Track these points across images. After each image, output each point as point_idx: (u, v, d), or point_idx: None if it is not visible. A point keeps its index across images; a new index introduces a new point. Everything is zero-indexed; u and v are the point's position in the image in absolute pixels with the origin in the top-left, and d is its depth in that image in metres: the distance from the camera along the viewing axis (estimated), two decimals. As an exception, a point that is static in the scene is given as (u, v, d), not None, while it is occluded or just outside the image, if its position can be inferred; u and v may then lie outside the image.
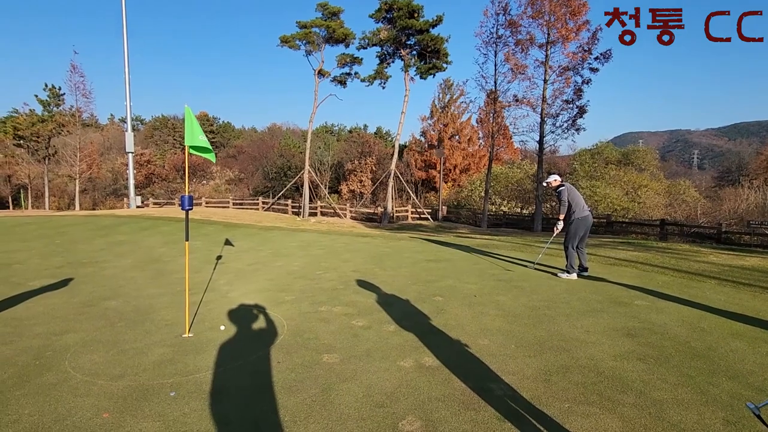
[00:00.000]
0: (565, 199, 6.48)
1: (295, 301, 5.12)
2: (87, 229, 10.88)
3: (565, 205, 6.49)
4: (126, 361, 3.40)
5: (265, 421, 2.58)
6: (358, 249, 9.38)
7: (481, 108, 25.70)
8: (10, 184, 32.92)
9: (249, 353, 3.58)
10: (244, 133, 64.16)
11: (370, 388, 2.99)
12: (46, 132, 28.86)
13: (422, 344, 3.78)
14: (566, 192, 6.51)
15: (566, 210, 6.51)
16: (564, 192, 6.49)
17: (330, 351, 3.64)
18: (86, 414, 2.63)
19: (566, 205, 6.48)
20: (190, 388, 2.97)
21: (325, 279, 6.34)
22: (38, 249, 8.35)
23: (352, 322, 4.38)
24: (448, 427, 2.51)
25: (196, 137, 3.73)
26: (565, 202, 6.48)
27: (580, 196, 6.71)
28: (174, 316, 4.43)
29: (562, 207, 6.48)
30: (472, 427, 2.51)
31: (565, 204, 6.48)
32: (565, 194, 6.49)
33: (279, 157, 42.91)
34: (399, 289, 5.71)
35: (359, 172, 40.28)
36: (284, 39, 25.65)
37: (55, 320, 4.29)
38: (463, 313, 4.71)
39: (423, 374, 3.20)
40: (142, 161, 36.38)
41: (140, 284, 5.87)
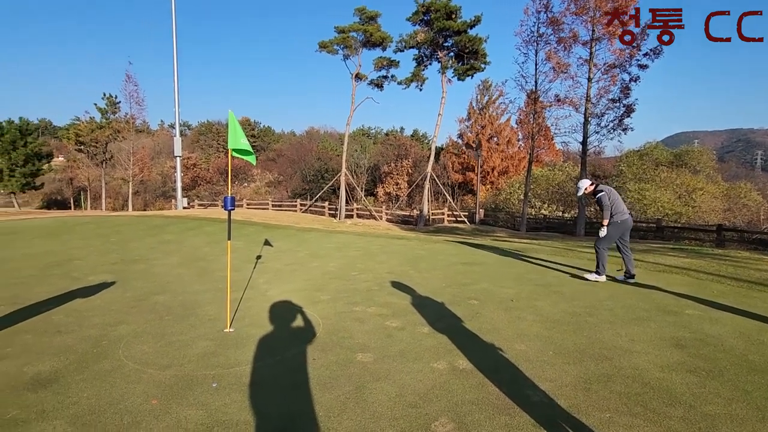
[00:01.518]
0: (608, 202, 6.19)
1: (331, 301, 5.22)
2: (139, 229, 11.59)
3: (608, 210, 6.18)
4: (173, 352, 3.60)
5: (300, 415, 2.66)
6: (394, 251, 9.41)
7: (521, 109, 25.05)
8: (72, 187, 35.63)
9: (286, 350, 3.69)
10: (283, 137, 66.07)
11: (403, 388, 3.00)
12: (103, 138, 31.08)
13: (456, 347, 3.75)
14: (607, 196, 6.23)
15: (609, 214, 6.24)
16: (605, 196, 6.21)
17: (364, 350, 3.68)
18: (137, 400, 2.81)
19: (609, 209, 6.21)
20: (230, 380, 3.11)
21: (361, 280, 6.41)
22: (96, 246, 8.98)
23: (386, 323, 4.40)
24: (481, 430, 2.48)
25: (238, 140, 3.90)
26: (608, 205, 6.20)
27: (619, 197, 6.45)
28: (216, 311, 4.63)
29: (606, 212, 6.20)
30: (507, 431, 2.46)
31: (608, 208, 6.20)
32: (607, 198, 6.20)
33: (317, 160, 43.82)
34: (433, 292, 5.69)
35: (395, 175, 40.40)
36: (323, 44, 26.21)
37: (111, 312, 4.60)
38: (498, 317, 4.62)
39: (456, 377, 3.17)
40: (189, 164, 38.27)
41: (186, 281, 6.19)
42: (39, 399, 2.79)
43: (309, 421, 2.59)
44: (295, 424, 2.56)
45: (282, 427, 2.54)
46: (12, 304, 4.77)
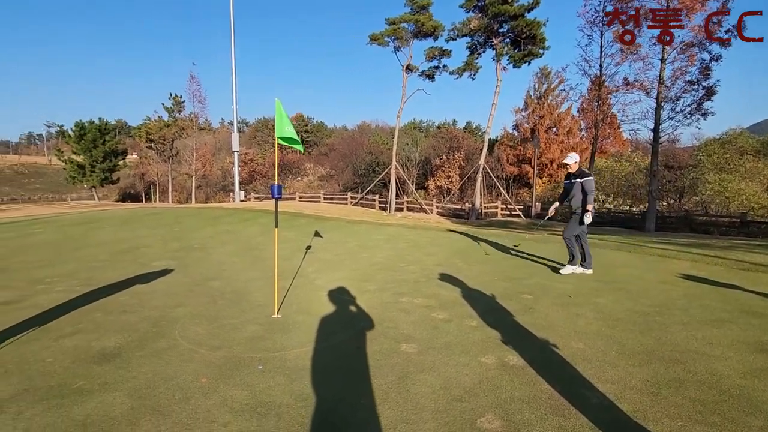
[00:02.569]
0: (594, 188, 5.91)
1: (378, 291, 5.17)
2: (199, 219, 12.31)
3: (593, 195, 5.88)
4: (223, 334, 3.72)
5: (341, 402, 2.61)
6: (443, 243, 9.21)
7: (583, 96, 23.43)
8: (143, 181, 38.83)
9: (330, 337, 3.68)
10: (335, 132, 67.31)
11: (448, 381, 2.87)
12: (170, 135, 33.52)
13: (506, 342, 3.54)
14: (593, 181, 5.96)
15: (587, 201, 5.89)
16: (594, 182, 5.96)
17: (409, 341, 3.58)
18: (188, 377, 2.92)
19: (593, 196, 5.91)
20: (276, 364, 3.14)
21: (408, 271, 6.31)
22: (161, 235, 9.64)
23: (433, 315, 4.27)
24: (531, 430, 2.29)
25: (283, 128, 3.93)
26: (594, 191, 5.90)
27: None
28: (266, 298, 4.75)
29: (591, 196, 5.86)
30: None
31: (593, 193, 5.89)
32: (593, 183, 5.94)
33: (368, 153, 44.17)
34: (483, 285, 5.45)
35: (447, 168, 39.73)
36: (373, 37, 26.20)
37: (170, 295, 4.87)
38: (554, 313, 4.32)
39: (506, 373, 2.98)
40: (246, 160, 40.18)
41: (239, 268, 6.43)
42: (103, 371, 2.98)
43: (350, 408, 2.54)
44: (335, 410, 2.52)
45: (322, 411, 2.51)
46: (87, 285, 5.20)
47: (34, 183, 56.71)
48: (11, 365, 3.04)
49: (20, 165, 63.59)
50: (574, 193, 6.10)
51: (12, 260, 6.81)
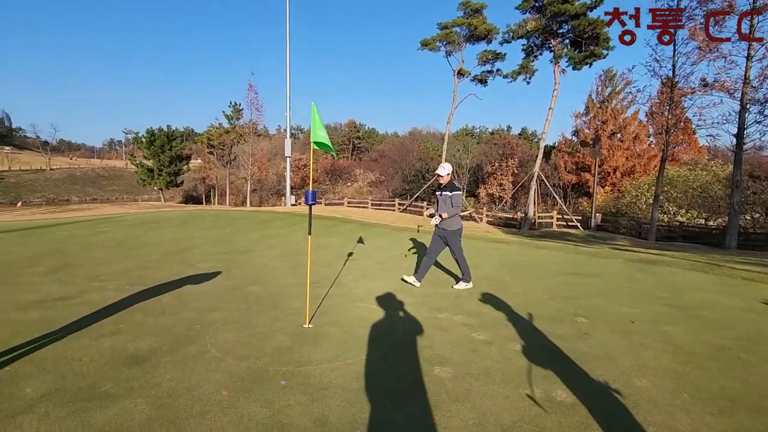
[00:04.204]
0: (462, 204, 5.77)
1: (416, 305, 4.90)
2: (249, 222, 12.70)
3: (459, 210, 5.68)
4: (253, 343, 3.63)
5: (362, 429, 2.39)
6: (490, 255, 8.73)
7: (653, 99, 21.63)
8: (204, 185, 41.28)
9: (360, 353, 3.47)
10: (386, 138, 67.78)
11: (484, 416, 2.55)
12: (229, 141, 35.39)
13: (555, 372, 3.14)
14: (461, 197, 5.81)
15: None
16: (461, 196, 5.78)
17: (443, 363, 3.29)
18: (210, 388, 2.83)
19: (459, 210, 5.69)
20: (299, 380, 2.98)
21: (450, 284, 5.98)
22: (211, 237, 10.00)
23: (473, 335, 3.93)
24: (580, 491, 1.93)
25: (316, 133, 3.81)
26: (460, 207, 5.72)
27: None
28: (301, 305, 4.64)
29: (456, 209, 5.64)
30: (617, 499, 1.87)
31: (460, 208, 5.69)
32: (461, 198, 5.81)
33: (418, 160, 43.92)
34: (532, 304, 5.00)
35: (499, 175, 38.48)
36: (425, 42, 26.03)
37: (209, 298, 4.92)
38: (613, 341, 3.82)
39: (552, 411, 2.60)
40: (300, 165, 41.41)
41: (280, 273, 6.43)
42: (131, 376, 2.97)
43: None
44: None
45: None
46: (136, 285, 5.40)
47: (113, 185, 62.43)
48: (49, 363, 3.13)
49: (102, 168, 70.42)
50: (443, 206, 5.69)
51: (78, 257, 7.31)
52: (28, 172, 60.41)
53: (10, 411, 2.48)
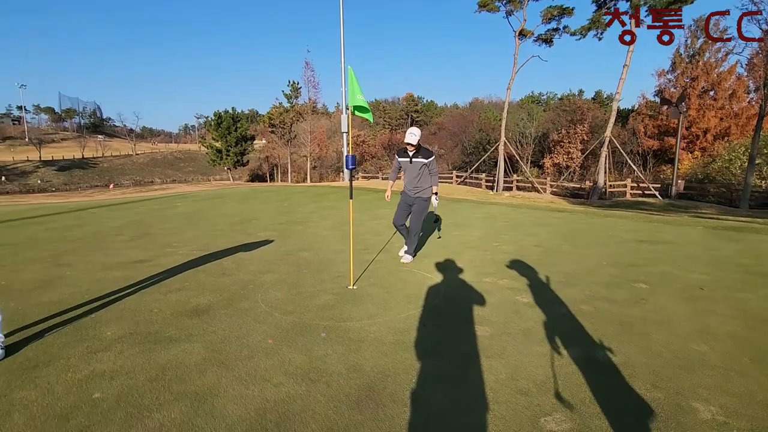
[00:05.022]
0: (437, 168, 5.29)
1: (460, 270, 4.85)
2: (306, 196, 13.21)
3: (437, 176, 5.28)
4: (299, 301, 3.85)
5: (393, 376, 2.47)
6: (549, 224, 8.33)
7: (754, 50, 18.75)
8: (268, 163, 43.33)
9: (399, 312, 3.54)
10: (445, 110, 66.00)
11: (517, 371, 2.51)
12: (288, 120, 36.56)
13: (602, 335, 2.99)
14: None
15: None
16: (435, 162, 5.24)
17: (482, 323, 3.26)
18: (258, 337, 3.06)
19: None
20: (338, 333, 3.12)
21: (500, 251, 5.83)
22: (271, 209, 10.57)
23: (516, 298, 3.84)
24: (610, 444, 1.86)
25: (355, 97, 3.82)
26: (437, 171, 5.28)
27: None
28: (347, 269, 4.79)
29: (436, 177, 5.24)
30: (651, 455, 1.78)
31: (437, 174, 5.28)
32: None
33: (478, 131, 42.42)
34: (587, 270, 4.75)
35: (566, 143, 36.04)
36: (482, 3, 24.57)
37: (263, 262, 5.25)
38: (674, 307, 3.54)
39: (591, 370, 2.50)
40: (358, 142, 41.90)
41: (330, 241, 6.67)
42: (191, 324, 3.30)
43: (399, 386, 2.37)
44: (384, 386, 2.38)
45: (370, 384, 2.40)
46: (201, 251, 5.90)
47: (188, 166, 67.76)
48: (126, 312, 3.56)
49: (178, 152, 76.62)
50: (419, 173, 5.11)
51: (155, 227, 8.12)
52: (117, 157, 67.39)
53: (92, 349, 2.88)
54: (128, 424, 2.05)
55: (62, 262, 5.29)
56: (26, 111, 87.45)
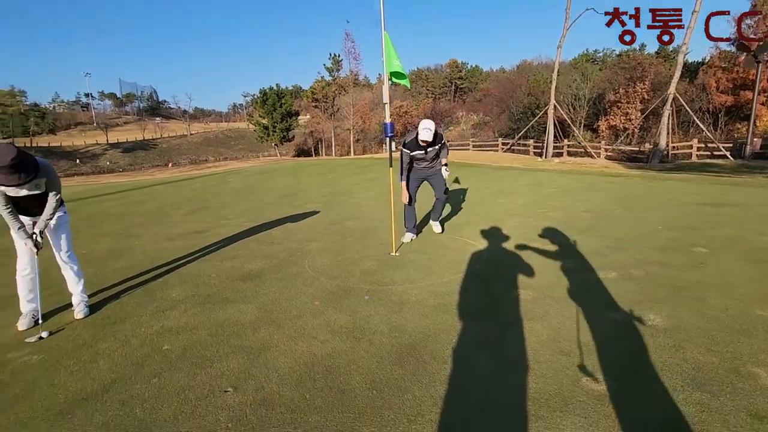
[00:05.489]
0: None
1: (503, 237, 4.79)
2: (350, 168, 13.37)
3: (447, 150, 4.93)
4: (343, 266, 3.99)
5: (433, 336, 2.54)
6: (601, 189, 7.93)
7: None
8: (312, 138, 43.94)
9: (440, 276, 3.59)
10: (491, 75, 63.03)
11: (559, 333, 2.49)
12: (331, 93, 36.59)
13: (653, 299, 2.88)
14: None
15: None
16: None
17: (525, 287, 3.23)
18: (305, 299, 3.24)
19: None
20: (381, 296, 3.23)
21: (547, 218, 5.66)
22: (316, 182, 10.84)
23: (561, 263, 3.75)
24: (659, 402, 1.83)
25: (392, 62, 3.76)
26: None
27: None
28: (389, 237, 4.88)
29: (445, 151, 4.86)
30: (700, 414, 1.74)
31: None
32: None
33: (526, 95, 40.29)
34: (641, 235, 4.52)
35: (624, 103, 33.39)
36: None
37: (310, 232, 5.46)
38: (736, 270, 3.31)
39: (640, 333, 2.44)
40: (401, 112, 41.23)
41: (373, 211, 6.77)
42: (245, 288, 3.54)
43: (440, 346, 2.45)
44: (425, 345, 2.46)
45: (411, 343, 2.49)
46: (252, 222, 6.22)
47: (238, 144, 70.38)
48: (188, 276, 3.88)
49: (228, 130, 79.63)
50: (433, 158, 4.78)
51: (210, 201, 8.62)
52: (174, 138, 71.22)
53: (161, 308, 3.19)
54: (193, 372, 2.29)
55: (131, 234, 5.80)
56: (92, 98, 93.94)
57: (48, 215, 2.86)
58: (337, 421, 1.84)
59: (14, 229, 2.79)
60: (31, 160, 2.61)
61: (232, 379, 2.20)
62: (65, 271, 3.10)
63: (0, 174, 2.48)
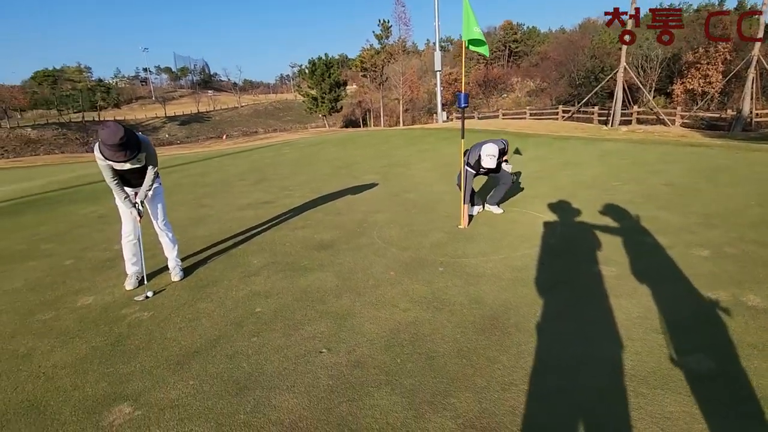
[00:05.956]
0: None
1: (575, 210, 4.60)
2: (403, 139, 13.22)
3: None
4: (412, 238, 4.04)
5: (514, 308, 2.55)
6: (680, 160, 7.33)
7: None
8: (360, 108, 43.68)
9: (514, 251, 3.54)
10: (550, 37, 58.94)
11: (650, 311, 2.41)
12: (380, 62, 35.85)
13: (750, 279, 2.69)
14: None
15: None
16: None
17: (608, 263, 3.12)
18: (380, 269, 3.33)
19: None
20: (455, 268, 3.25)
21: (622, 191, 5.35)
22: (370, 154, 10.86)
23: (645, 239, 3.56)
24: (756, 379, 1.74)
25: (471, 30, 3.61)
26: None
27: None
28: (453, 209, 4.84)
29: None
30: (822, 403, 1.63)
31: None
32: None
33: (590, 58, 37.44)
34: (731, 211, 4.17)
35: (704, 65, 30.17)
36: None
37: (372, 203, 5.54)
38: None
39: (738, 313, 2.30)
40: (450, 80, 39.88)
41: (432, 182, 6.72)
42: (320, 256, 3.70)
43: (522, 318, 2.44)
44: (507, 317, 2.47)
45: (493, 314, 2.51)
46: (315, 193, 6.39)
47: (287, 115, 71.63)
48: (265, 245, 4.09)
49: (276, 102, 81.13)
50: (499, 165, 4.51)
51: (269, 172, 8.94)
52: (226, 110, 73.78)
53: (246, 273, 3.41)
54: (287, 333, 2.45)
55: (203, 204, 6.17)
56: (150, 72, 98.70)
57: (147, 186, 3.10)
58: (431, 385, 1.92)
59: (120, 199, 3.06)
60: (135, 138, 2.81)
61: (324, 341, 2.34)
62: (162, 238, 3.37)
63: (110, 151, 2.70)
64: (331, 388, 1.95)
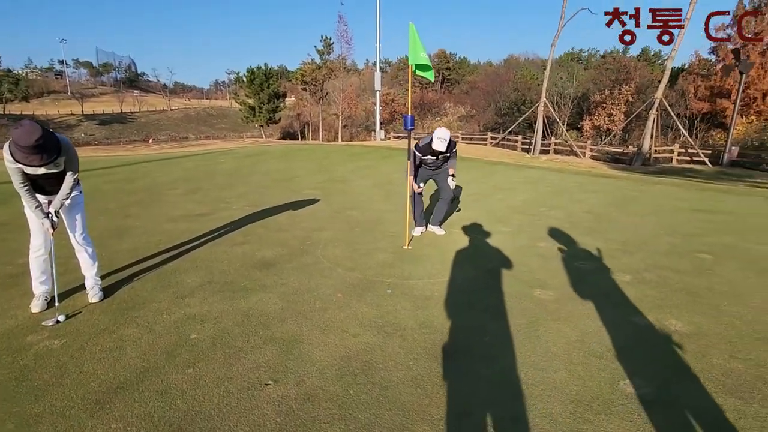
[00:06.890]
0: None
1: (512, 234, 4.85)
2: (343, 155, 13.22)
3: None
4: (358, 258, 3.97)
5: (465, 335, 2.57)
6: (596, 190, 8.10)
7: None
8: (299, 121, 43.21)
9: (459, 273, 3.61)
10: (479, 68, 63.11)
11: (587, 335, 2.56)
12: (320, 77, 35.97)
13: (670, 304, 2.98)
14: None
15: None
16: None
17: (544, 287, 3.29)
18: (327, 291, 3.21)
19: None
20: (403, 290, 3.24)
21: (550, 216, 5.75)
22: (311, 168, 10.67)
23: (577, 264, 3.83)
24: (694, 407, 1.90)
25: (418, 54, 3.70)
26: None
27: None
28: (397, 229, 4.87)
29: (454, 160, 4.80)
30: (738, 420, 1.82)
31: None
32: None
33: (513, 91, 40.58)
34: (644, 239, 4.65)
35: (609, 105, 34.07)
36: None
37: (315, 220, 5.39)
38: (743, 278, 3.46)
39: (665, 338, 2.52)
40: (387, 100, 40.92)
41: (375, 200, 6.73)
42: (262, 276, 3.48)
43: (472, 341, 2.48)
44: (457, 339, 2.49)
45: (443, 339, 2.51)
46: (254, 206, 6.09)
47: (221, 123, 68.38)
48: (201, 262, 3.78)
49: (210, 108, 77.14)
50: (445, 161, 4.75)
51: (204, 182, 8.39)
52: (153, 112, 68.62)
53: (179, 294, 3.10)
54: (228, 363, 2.25)
55: (129, 213, 5.60)
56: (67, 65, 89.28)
57: (64, 194, 2.73)
58: (387, 419, 1.85)
59: (31, 208, 2.65)
60: (54, 140, 2.47)
61: (269, 372, 2.18)
62: (79, 254, 2.97)
63: (22, 153, 2.34)
64: (280, 426, 1.80)
